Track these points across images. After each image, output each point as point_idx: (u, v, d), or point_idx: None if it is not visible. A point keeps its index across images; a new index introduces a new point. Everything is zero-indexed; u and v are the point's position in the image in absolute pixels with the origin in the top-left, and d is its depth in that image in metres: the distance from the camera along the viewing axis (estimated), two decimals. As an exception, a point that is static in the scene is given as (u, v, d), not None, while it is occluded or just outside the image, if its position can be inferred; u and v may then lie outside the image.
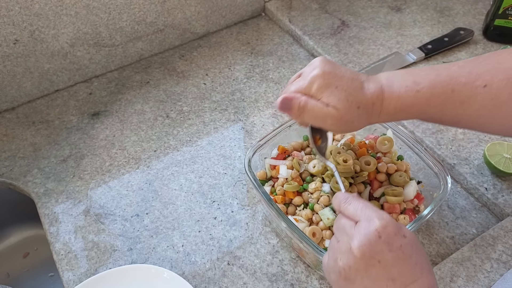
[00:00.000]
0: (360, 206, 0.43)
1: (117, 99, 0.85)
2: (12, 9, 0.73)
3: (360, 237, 0.39)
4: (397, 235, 0.39)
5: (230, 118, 0.81)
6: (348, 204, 0.44)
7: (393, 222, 0.40)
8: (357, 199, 0.44)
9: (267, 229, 0.65)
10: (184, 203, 0.69)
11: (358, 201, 0.44)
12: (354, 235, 0.40)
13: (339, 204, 0.45)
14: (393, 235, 0.39)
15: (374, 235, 0.39)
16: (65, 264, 0.62)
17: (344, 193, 0.47)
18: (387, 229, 0.39)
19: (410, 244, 0.40)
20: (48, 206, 0.69)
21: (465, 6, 0.99)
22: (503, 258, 0.58)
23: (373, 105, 0.48)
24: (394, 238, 0.39)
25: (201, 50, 0.95)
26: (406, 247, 0.39)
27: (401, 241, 0.39)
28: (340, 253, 0.41)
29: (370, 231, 0.39)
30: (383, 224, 0.39)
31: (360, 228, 0.40)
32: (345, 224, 0.42)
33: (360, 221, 0.41)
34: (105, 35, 0.85)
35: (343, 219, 0.43)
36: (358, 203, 0.43)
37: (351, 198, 0.44)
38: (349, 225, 0.42)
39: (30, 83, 0.83)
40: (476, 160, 0.70)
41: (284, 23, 0.98)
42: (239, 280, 0.60)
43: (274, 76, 0.88)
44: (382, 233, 0.39)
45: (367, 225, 0.40)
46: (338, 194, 0.47)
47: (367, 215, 0.41)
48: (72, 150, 0.76)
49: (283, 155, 0.64)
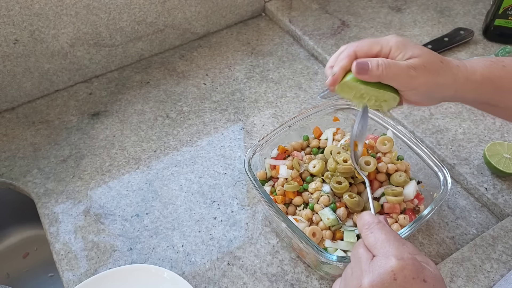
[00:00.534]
0: (381, 238, 0.38)
1: (117, 99, 0.85)
2: (12, 9, 0.73)
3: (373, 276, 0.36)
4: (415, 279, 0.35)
5: (230, 118, 0.81)
6: (370, 232, 0.40)
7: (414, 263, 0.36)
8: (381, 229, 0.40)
9: (267, 229, 0.65)
10: (184, 203, 0.69)
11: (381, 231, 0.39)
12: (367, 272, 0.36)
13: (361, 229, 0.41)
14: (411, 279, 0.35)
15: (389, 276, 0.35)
16: (65, 264, 0.62)
17: (371, 215, 0.42)
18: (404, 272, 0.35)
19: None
20: (48, 206, 0.69)
21: (465, 6, 0.99)
22: (503, 258, 0.58)
23: (457, 67, 0.46)
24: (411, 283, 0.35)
25: (201, 50, 0.95)
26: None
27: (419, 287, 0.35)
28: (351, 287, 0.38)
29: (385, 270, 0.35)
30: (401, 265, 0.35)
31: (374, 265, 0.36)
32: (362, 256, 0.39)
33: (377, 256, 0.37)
34: (105, 35, 0.85)
35: (361, 248, 0.40)
36: (380, 234, 0.39)
37: (375, 225, 0.40)
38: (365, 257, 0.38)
39: (30, 83, 0.83)
40: (476, 160, 0.70)
41: (284, 23, 0.98)
42: (239, 280, 0.60)
43: (274, 76, 0.88)
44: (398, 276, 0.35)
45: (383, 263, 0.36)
46: (364, 215, 0.42)
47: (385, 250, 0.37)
48: (72, 150, 0.76)
49: (283, 155, 0.64)
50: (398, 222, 0.57)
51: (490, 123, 0.75)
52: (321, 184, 0.59)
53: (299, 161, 0.62)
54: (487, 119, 0.76)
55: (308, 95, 0.84)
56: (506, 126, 0.75)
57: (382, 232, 0.39)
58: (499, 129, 0.74)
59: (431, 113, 0.77)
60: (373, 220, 0.41)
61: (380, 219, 0.41)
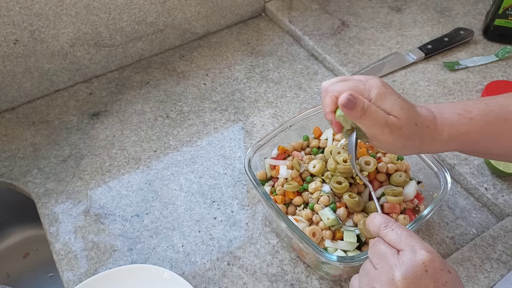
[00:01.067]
0: (404, 234, 0.40)
1: (117, 99, 0.85)
2: (12, 9, 0.73)
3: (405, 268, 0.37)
4: (443, 270, 0.37)
5: (230, 118, 0.81)
6: (390, 229, 0.41)
7: (439, 256, 0.38)
8: (400, 226, 0.42)
9: (267, 229, 0.65)
10: (184, 203, 0.69)
11: (401, 228, 0.41)
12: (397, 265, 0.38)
13: (379, 228, 0.42)
14: (439, 270, 0.37)
15: (421, 268, 0.37)
16: (65, 264, 0.62)
17: (383, 215, 0.44)
18: (434, 264, 0.37)
19: (454, 281, 0.38)
20: (48, 206, 0.69)
21: (465, 6, 0.99)
22: (503, 258, 0.58)
23: (427, 128, 0.46)
24: (441, 274, 0.37)
25: (201, 50, 0.95)
26: (451, 283, 0.37)
27: (446, 277, 0.37)
28: (379, 282, 0.39)
29: (417, 263, 0.37)
30: (430, 258, 0.37)
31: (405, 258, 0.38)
32: (387, 252, 0.40)
33: (403, 250, 0.39)
34: (105, 35, 0.85)
35: (382, 245, 0.41)
36: (402, 230, 0.41)
37: (393, 223, 0.42)
38: (391, 252, 0.39)
39: (30, 83, 0.83)
40: (476, 160, 0.70)
41: (284, 24, 0.98)
42: (239, 280, 0.60)
43: (274, 77, 0.88)
44: (429, 267, 0.37)
45: (413, 256, 0.38)
46: (376, 216, 0.44)
47: (412, 245, 0.39)
48: (72, 150, 0.76)
49: (283, 155, 0.64)
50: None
51: (490, 123, 0.75)
52: (321, 184, 0.59)
53: (299, 161, 0.62)
54: (487, 119, 0.76)
55: (308, 95, 0.84)
56: (506, 126, 0.75)
57: (403, 229, 0.41)
58: (499, 129, 0.74)
59: (431, 113, 0.77)
60: (389, 219, 0.43)
61: (393, 219, 0.43)
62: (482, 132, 0.46)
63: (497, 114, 0.46)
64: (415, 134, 0.46)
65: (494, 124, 0.46)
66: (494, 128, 0.46)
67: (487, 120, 0.46)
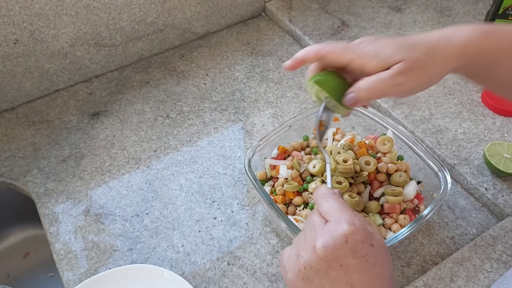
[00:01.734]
0: (335, 206, 0.41)
1: (117, 99, 0.85)
2: (12, 9, 0.73)
3: (326, 238, 0.38)
4: (364, 243, 0.38)
5: (230, 118, 0.81)
6: (325, 201, 0.42)
7: (364, 229, 0.39)
8: (335, 198, 0.42)
9: (267, 229, 0.65)
10: (184, 203, 0.69)
11: (335, 200, 0.42)
12: (321, 234, 0.39)
13: (317, 198, 0.43)
14: (360, 242, 0.38)
15: (341, 238, 0.38)
16: (65, 264, 0.62)
17: (326, 187, 0.44)
18: (355, 236, 0.38)
19: (376, 254, 0.39)
20: (48, 206, 0.69)
21: (465, 6, 0.99)
22: (503, 258, 0.58)
23: (446, 45, 0.44)
24: (361, 246, 0.38)
25: (201, 50, 0.95)
26: (371, 256, 0.38)
27: (367, 250, 0.38)
28: (304, 250, 0.40)
29: (338, 233, 0.38)
30: (352, 229, 0.38)
31: (328, 229, 0.39)
32: (315, 221, 0.41)
33: (330, 221, 0.40)
34: (105, 35, 0.85)
35: (315, 215, 0.42)
36: (334, 203, 0.41)
37: (330, 195, 0.43)
38: (319, 223, 0.40)
39: (30, 83, 0.83)
40: (476, 160, 0.70)
41: (284, 23, 0.98)
42: (239, 280, 0.60)
43: (274, 76, 0.88)
44: (349, 239, 0.38)
45: (336, 227, 0.39)
46: (320, 188, 0.45)
47: (339, 216, 0.40)
48: (72, 150, 0.76)
49: (283, 155, 0.64)
50: (398, 222, 0.57)
51: (490, 123, 0.75)
52: (321, 184, 0.59)
53: (299, 161, 0.62)
54: (487, 119, 0.76)
55: (308, 95, 0.84)
56: (506, 126, 0.75)
57: (336, 201, 0.42)
58: (499, 129, 0.74)
59: (431, 113, 0.77)
60: (328, 191, 0.43)
61: (335, 192, 0.44)
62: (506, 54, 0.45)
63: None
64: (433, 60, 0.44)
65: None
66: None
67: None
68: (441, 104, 0.79)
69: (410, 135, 0.64)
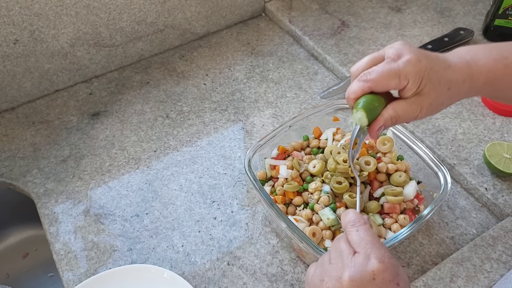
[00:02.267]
0: (366, 239, 0.40)
1: (117, 99, 0.85)
2: (12, 9, 0.73)
3: (354, 271, 0.38)
4: (391, 282, 0.38)
5: (230, 118, 0.81)
6: (355, 230, 0.42)
7: (392, 267, 0.39)
8: (366, 230, 0.42)
9: (267, 229, 0.65)
10: (184, 203, 0.69)
11: (366, 232, 0.41)
12: (348, 267, 0.39)
13: (347, 224, 0.43)
14: (388, 281, 0.38)
15: (369, 275, 0.38)
16: (65, 264, 0.62)
17: (357, 213, 0.44)
18: (383, 274, 0.38)
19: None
20: (48, 206, 0.69)
21: (465, 7, 0.99)
22: (503, 258, 0.58)
23: (463, 82, 0.47)
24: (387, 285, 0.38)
25: (201, 51, 0.95)
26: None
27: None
28: (329, 276, 0.40)
29: (366, 269, 0.38)
30: (381, 268, 0.38)
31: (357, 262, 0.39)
32: (344, 250, 0.41)
33: (359, 253, 0.40)
34: (105, 35, 0.85)
35: (343, 242, 0.42)
36: (365, 234, 0.41)
37: (361, 224, 0.42)
38: (347, 252, 0.40)
39: (30, 83, 0.83)
40: (476, 160, 0.70)
41: (284, 24, 0.98)
42: (239, 280, 0.60)
43: (274, 77, 0.88)
44: (378, 277, 0.38)
45: (365, 261, 0.38)
46: (349, 212, 0.44)
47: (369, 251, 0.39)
48: (72, 150, 0.76)
49: (283, 155, 0.64)
50: (398, 222, 0.57)
51: (490, 123, 0.75)
52: (321, 184, 0.59)
53: (299, 161, 0.62)
54: (487, 119, 0.76)
55: (308, 95, 0.84)
56: (506, 126, 0.75)
57: (367, 233, 0.41)
58: (499, 129, 0.74)
59: (431, 113, 0.77)
60: (359, 219, 0.43)
61: (365, 219, 0.43)
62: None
63: None
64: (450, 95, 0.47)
65: None
66: None
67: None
68: (441, 104, 0.79)
69: (410, 135, 0.64)
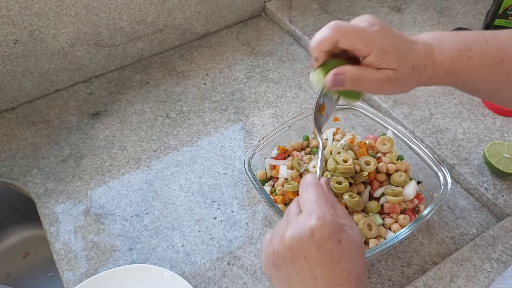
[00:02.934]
0: (311, 199, 0.41)
1: (117, 99, 0.85)
2: (12, 9, 0.73)
3: (294, 229, 0.39)
4: (331, 238, 0.38)
5: (230, 118, 0.81)
6: (304, 191, 0.42)
7: (333, 224, 0.39)
8: (315, 190, 0.42)
9: (267, 229, 0.65)
10: (184, 203, 0.69)
11: (314, 192, 0.42)
12: (291, 224, 0.40)
13: (300, 187, 0.44)
14: (327, 237, 0.38)
15: (307, 232, 0.38)
16: (65, 264, 0.62)
17: (313, 177, 0.44)
18: (321, 230, 0.38)
19: (342, 251, 0.39)
20: (48, 206, 0.69)
21: (465, 6, 0.99)
22: (503, 258, 0.58)
23: (425, 68, 0.46)
24: (327, 241, 0.38)
25: (201, 50, 0.95)
26: (337, 252, 0.38)
27: (332, 245, 0.38)
28: (276, 236, 0.41)
29: (305, 226, 0.39)
30: (319, 224, 0.38)
31: (298, 220, 0.40)
32: (291, 210, 0.42)
33: (303, 212, 0.40)
34: (105, 35, 0.85)
35: (293, 204, 0.43)
36: (312, 195, 0.42)
37: (311, 185, 0.43)
38: (293, 212, 0.41)
39: (30, 83, 0.83)
40: (476, 160, 0.70)
41: (284, 23, 0.98)
42: (239, 280, 0.60)
43: (274, 76, 0.88)
44: (315, 233, 0.38)
45: (305, 220, 0.39)
46: (307, 176, 0.45)
47: (311, 209, 0.40)
48: (72, 150, 0.76)
49: (283, 155, 0.64)
50: (398, 222, 0.57)
51: (490, 123, 0.75)
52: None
53: (299, 161, 0.62)
54: (487, 119, 0.76)
55: (308, 95, 0.84)
56: (506, 126, 0.75)
57: (314, 193, 0.42)
58: (499, 129, 0.74)
59: (431, 113, 0.77)
60: (312, 181, 0.43)
61: (321, 182, 0.44)
62: (476, 72, 0.46)
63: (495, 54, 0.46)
64: (413, 77, 0.46)
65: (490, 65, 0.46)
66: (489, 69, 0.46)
67: (484, 60, 0.46)
68: (441, 104, 0.79)
69: (410, 135, 0.64)
